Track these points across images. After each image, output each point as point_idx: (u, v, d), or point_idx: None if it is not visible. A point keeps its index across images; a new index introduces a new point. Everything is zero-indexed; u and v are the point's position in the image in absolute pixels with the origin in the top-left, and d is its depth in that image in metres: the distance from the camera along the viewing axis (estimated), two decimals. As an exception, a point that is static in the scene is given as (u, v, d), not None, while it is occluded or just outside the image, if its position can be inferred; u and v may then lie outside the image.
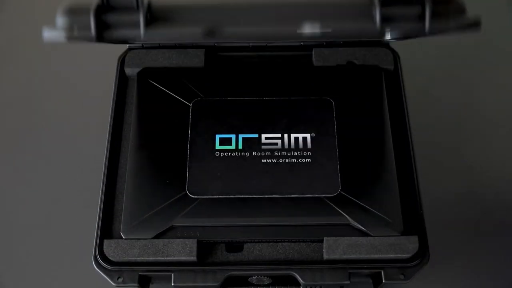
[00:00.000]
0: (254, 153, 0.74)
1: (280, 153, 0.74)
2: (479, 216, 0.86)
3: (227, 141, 0.74)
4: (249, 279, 0.72)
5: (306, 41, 0.83)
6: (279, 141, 0.74)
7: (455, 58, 1.00)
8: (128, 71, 0.82)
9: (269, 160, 0.73)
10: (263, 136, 0.75)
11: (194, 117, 0.76)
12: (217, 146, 0.74)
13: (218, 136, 0.75)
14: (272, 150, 0.74)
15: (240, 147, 0.74)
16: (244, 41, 0.83)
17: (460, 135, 0.93)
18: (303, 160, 0.73)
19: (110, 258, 0.69)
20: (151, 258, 0.69)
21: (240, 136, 0.75)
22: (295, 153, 0.74)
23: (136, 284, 0.69)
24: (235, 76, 0.80)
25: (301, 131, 0.75)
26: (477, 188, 0.88)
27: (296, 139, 0.75)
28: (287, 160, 0.73)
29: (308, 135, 0.75)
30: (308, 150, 0.74)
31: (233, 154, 0.74)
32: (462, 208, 0.86)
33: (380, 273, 0.69)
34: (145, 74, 0.80)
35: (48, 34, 0.69)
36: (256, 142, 0.74)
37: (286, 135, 0.75)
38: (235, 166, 0.73)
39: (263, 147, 0.74)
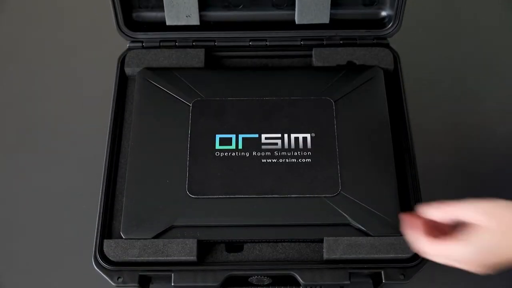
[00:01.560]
0: (254, 153, 0.74)
1: (280, 153, 0.74)
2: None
3: (227, 141, 0.74)
4: (249, 279, 0.72)
5: (306, 41, 0.84)
6: (279, 141, 0.74)
7: (455, 58, 1.00)
8: (128, 71, 0.82)
9: (269, 160, 0.73)
10: (263, 136, 0.75)
11: (194, 117, 0.76)
12: (217, 146, 0.74)
13: (218, 136, 0.75)
14: (272, 150, 0.74)
15: (240, 147, 0.74)
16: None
17: (461, 135, 0.93)
18: (303, 160, 0.73)
19: (110, 258, 0.69)
20: (151, 258, 0.69)
21: (240, 136, 0.75)
22: (295, 153, 0.74)
23: (136, 284, 0.69)
24: (235, 76, 0.80)
25: (301, 131, 0.75)
26: (478, 188, 0.88)
27: (296, 139, 0.75)
28: (287, 160, 0.73)
29: (308, 135, 0.75)
30: (308, 150, 0.74)
31: (233, 154, 0.74)
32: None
33: (380, 273, 0.69)
34: (145, 74, 0.80)
35: None
36: (256, 142, 0.74)
37: (286, 135, 0.75)
38: (235, 166, 0.73)
39: (263, 147, 0.74)
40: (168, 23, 0.84)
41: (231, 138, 0.75)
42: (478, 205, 0.56)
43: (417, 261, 0.69)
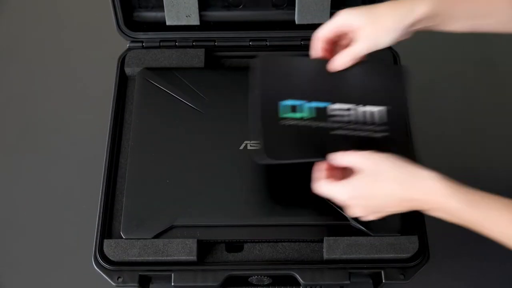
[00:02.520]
0: (322, 124, 0.67)
1: (350, 126, 0.67)
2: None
3: (294, 109, 0.67)
4: (249, 279, 0.72)
5: (306, 41, 0.84)
6: (348, 113, 0.68)
7: (455, 58, 1.00)
8: (128, 71, 0.82)
9: (338, 132, 0.67)
10: (332, 106, 0.68)
11: (258, 76, 0.67)
12: (282, 115, 0.67)
13: (282, 104, 0.67)
14: (341, 122, 0.67)
15: (308, 116, 0.67)
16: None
17: (461, 135, 0.93)
18: (374, 135, 0.68)
19: (110, 258, 0.69)
20: (151, 258, 0.69)
21: (309, 105, 0.68)
22: (365, 127, 0.68)
23: (136, 284, 0.69)
24: (235, 76, 0.80)
25: (371, 103, 0.68)
26: (478, 186, 0.88)
27: (367, 112, 0.68)
28: (356, 134, 0.67)
29: (380, 108, 0.69)
30: (381, 124, 0.68)
31: (301, 123, 0.66)
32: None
33: (380, 273, 0.69)
34: (145, 74, 0.80)
35: None
36: (324, 112, 0.68)
37: (356, 107, 0.68)
38: (303, 136, 0.66)
39: (331, 118, 0.68)
40: (168, 23, 0.84)
41: (298, 106, 0.67)
42: (363, 153, 0.61)
43: (417, 261, 0.69)
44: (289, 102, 0.67)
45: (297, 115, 0.66)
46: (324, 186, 0.63)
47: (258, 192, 0.72)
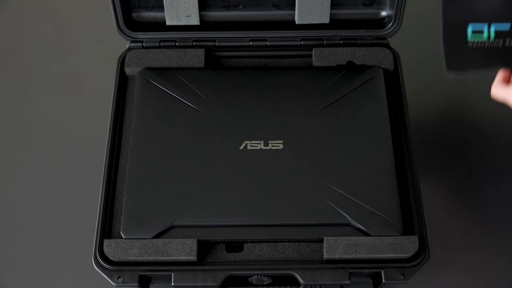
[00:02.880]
0: (507, 43, 0.66)
1: None
2: (479, 216, 0.86)
3: (478, 32, 0.67)
4: (249, 279, 0.72)
5: (306, 41, 0.84)
6: None
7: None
8: (128, 71, 0.82)
9: None
10: None
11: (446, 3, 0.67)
12: (468, 39, 0.66)
13: (467, 28, 0.67)
14: None
15: (493, 38, 0.66)
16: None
17: (460, 135, 0.93)
18: None
19: (110, 258, 0.69)
20: (151, 258, 0.69)
21: (492, 27, 0.67)
22: None
23: (136, 284, 0.69)
24: (235, 76, 0.80)
25: None
26: (478, 188, 0.88)
27: None
28: None
29: None
30: None
31: (485, 45, 0.66)
32: (462, 208, 0.86)
33: (380, 273, 0.69)
34: (145, 74, 0.80)
35: None
36: (508, 33, 0.66)
37: None
38: (488, 53, 0.66)
39: None
40: (168, 23, 0.84)
41: (480, 29, 0.67)
42: None
43: (417, 261, 0.69)
44: (473, 27, 0.68)
45: (484, 36, 0.67)
46: (500, 88, 0.68)
47: (258, 192, 0.72)
